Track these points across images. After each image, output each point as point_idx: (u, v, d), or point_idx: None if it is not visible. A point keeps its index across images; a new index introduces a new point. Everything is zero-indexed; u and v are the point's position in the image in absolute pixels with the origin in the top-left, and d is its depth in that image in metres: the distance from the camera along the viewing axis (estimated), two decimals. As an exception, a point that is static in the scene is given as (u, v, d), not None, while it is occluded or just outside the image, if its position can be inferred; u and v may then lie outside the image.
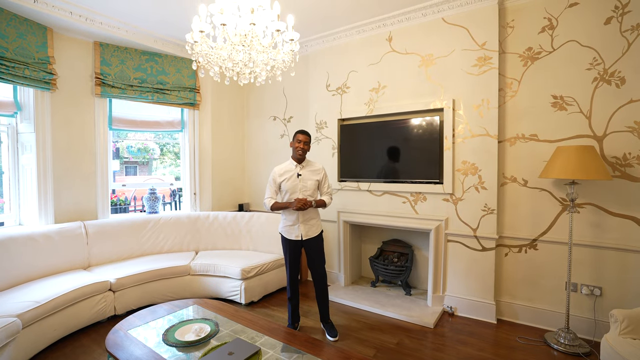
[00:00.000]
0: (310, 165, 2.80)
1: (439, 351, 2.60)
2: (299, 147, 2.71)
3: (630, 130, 2.56)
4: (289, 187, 2.70)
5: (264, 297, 3.58)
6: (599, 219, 2.69)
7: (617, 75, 2.60)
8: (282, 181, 2.72)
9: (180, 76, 4.13)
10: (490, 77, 2.97)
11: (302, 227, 2.72)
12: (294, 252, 2.79)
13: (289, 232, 2.75)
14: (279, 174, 2.75)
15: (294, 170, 2.73)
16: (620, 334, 2.07)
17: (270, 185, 2.78)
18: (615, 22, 2.59)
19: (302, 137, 2.72)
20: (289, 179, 2.71)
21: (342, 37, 3.77)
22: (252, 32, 1.76)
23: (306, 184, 2.72)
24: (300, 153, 2.71)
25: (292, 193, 2.70)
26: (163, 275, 3.29)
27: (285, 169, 2.76)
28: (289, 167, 2.76)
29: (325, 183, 2.82)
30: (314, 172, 2.78)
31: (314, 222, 2.77)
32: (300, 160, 2.75)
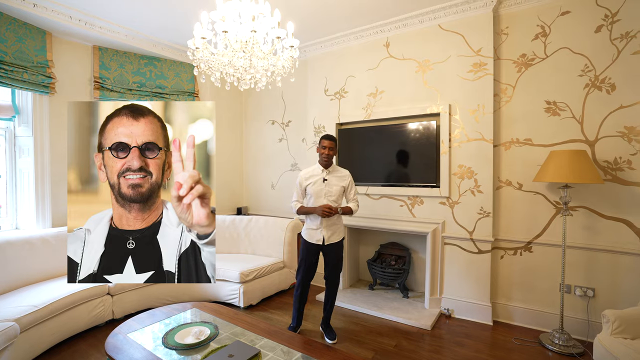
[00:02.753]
0: (337, 170, 2.78)
1: (436, 353, 2.63)
2: (324, 153, 2.67)
3: (621, 135, 2.63)
4: (314, 192, 2.69)
5: (263, 300, 3.59)
6: (591, 221, 2.75)
7: (607, 81, 2.67)
8: (308, 185, 2.71)
9: (179, 80, 4.16)
10: (485, 83, 3.03)
11: (324, 232, 2.70)
12: (312, 256, 2.77)
13: (311, 235, 2.74)
14: (304, 177, 2.74)
15: (319, 175, 2.72)
16: (612, 334, 2.11)
17: (296, 188, 2.78)
18: (605, 31, 2.66)
19: (326, 142, 2.68)
20: (314, 183, 2.70)
21: (340, 43, 3.82)
22: (253, 39, 1.80)
23: (331, 189, 2.70)
24: (325, 159, 2.68)
25: (317, 198, 2.69)
26: (161, 279, 3.29)
27: (311, 173, 2.75)
28: (315, 171, 2.75)
29: (352, 190, 2.79)
30: (340, 178, 2.75)
31: (336, 228, 2.75)
32: (326, 165, 2.72)
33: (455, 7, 3.09)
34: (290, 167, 4.53)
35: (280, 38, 1.85)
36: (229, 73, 2.03)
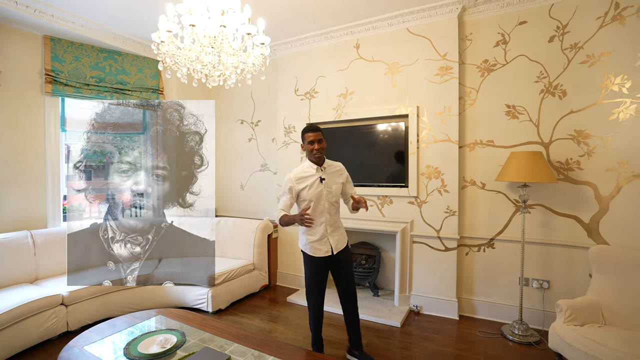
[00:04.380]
0: (331, 165, 2.37)
1: (406, 349, 2.69)
2: (313, 149, 2.23)
3: (571, 138, 2.83)
4: (312, 196, 2.24)
5: (232, 304, 3.49)
6: (546, 218, 2.93)
7: (559, 88, 2.86)
8: (303, 189, 2.25)
9: (143, 76, 3.95)
10: (451, 86, 3.15)
11: (331, 240, 2.30)
12: (323, 273, 2.34)
13: (317, 248, 2.29)
14: (296, 180, 2.27)
15: (314, 174, 2.27)
16: (565, 322, 2.27)
17: (285, 194, 2.29)
18: (557, 41, 2.86)
19: (312, 135, 2.23)
20: (310, 185, 2.25)
21: (310, 43, 3.81)
22: (222, 34, 1.74)
23: (331, 188, 2.29)
24: (317, 154, 2.24)
25: (317, 202, 2.26)
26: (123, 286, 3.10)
27: (302, 174, 2.29)
28: (307, 171, 2.29)
29: (350, 184, 2.44)
30: (336, 174, 2.36)
31: (341, 231, 2.39)
32: (319, 162, 2.29)
33: (423, 12, 3.19)
34: (259, 168, 4.45)
35: (250, 35, 1.80)
36: (196, 69, 1.95)
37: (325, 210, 2.28)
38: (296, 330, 2.97)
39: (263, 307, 3.48)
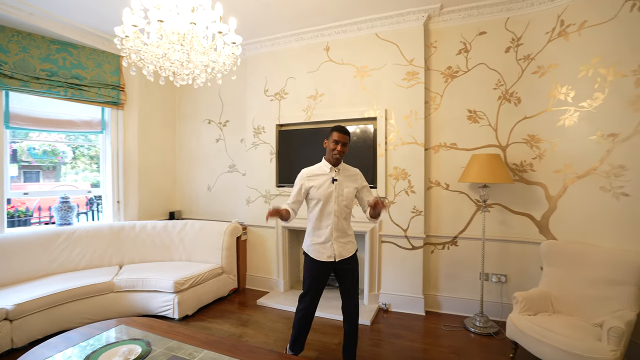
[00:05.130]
0: (346, 169, 2.31)
1: (376, 346, 2.75)
2: (336, 149, 2.17)
3: (525, 142, 3.06)
4: (321, 195, 2.18)
5: (200, 309, 3.38)
6: (504, 216, 3.14)
7: (515, 95, 3.08)
8: (312, 187, 2.20)
9: (101, 71, 3.71)
10: (417, 91, 3.28)
11: (335, 246, 2.21)
12: (323, 278, 2.26)
13: (319, 252, 2.22)
14: (307, 177, 2.23)
15: (327, 174, 2.22)
16: (520, 313, 2.44)
17: (295, 189, 2.26)
18: (512, 52, 3.08)
19: (340, 136, 2.18)
20: (321, 185, 2.20)
21: (280, 44, 3.80)
22: (192, 31, 1.68)
23: (342, 191, 2.22)
24: (336, 156, 2.19)
25: (325, 202, 2.19)
26: (79, 296, 2.89)
27: (316, 172, 2.25)
28: (321, 169, 2.25)
29: (368, 191, 2.34)
30: (351, 178, 2.29)
31: (349, 239, 2.28)
32: (336, 163, 2.25)
33: (391, 18, 3.29)
34: (228, 169, 4.35)
35: (222, 33, 1.76)
36: (163, 67, 1.87)
37: (332, 212, 2.20)
38: (267, 333, 2.94)
39: (233, 312, 3.40)
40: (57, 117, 3.62)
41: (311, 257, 2.24)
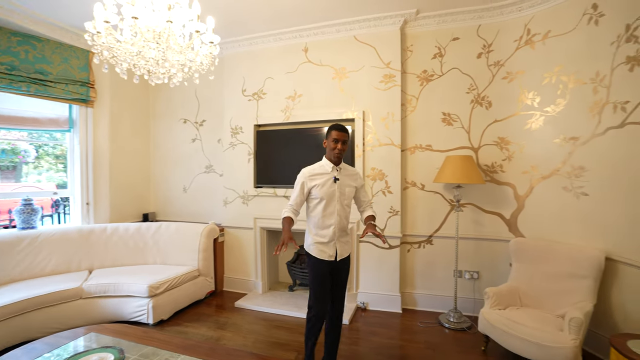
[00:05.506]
0: (346, 168, 2.29)
1: (354, 344, 2.79)
2: (336, 148, 2.16)
3: (496, 144, 3.20)
4: (324, 194, 2.16)
5: (176, 313, 3.30)
6: (476, 216, 3.27)
7: (486, 99, 3.22)
8: (315, 186, 2.17)
9: (68, 67, 3.53)
10: (394, 93, 3.35)
11: (338, 245, 2.22)
12: (328, 277, 2.22)
13: (322, 250, 2.20)
14: (309, 176, 2.19)
15: (329, 173, 2.20)
16: (491, 307, 2.56)
17: (296, 189, 2.20)
18: (484, 58, 3.21)
19: (338, 134, 2.17)
20: (323, 184, 2.17)
21: (259, 43, 3.77)
22: (169, 29, 1.64)
23: (344, 190, 2.22)
24: (338, 155, 2.18)
25: (328, 202, 2.18)
26: (44, 303, 2.74)
27: (317, 171, 2.21)
28: (323, 168, 2.22)
29: (364, 191, 2.37)
30: (351, 177, 2.28)
31: (348, 239, 2.31)
32: (337, 162, 2.23)
33: (369, 21, 3.34)
34: (204, 170, 4.27)
35: (199, 32, 1.73)
36: (138, 65, 1.81)
37: (335, 211, 2.19)
38: (245, 336, 2.91)
39: (210, 315, 3.34)
40: (18, 114, 3.41)
41: (314, 256, 2.20)
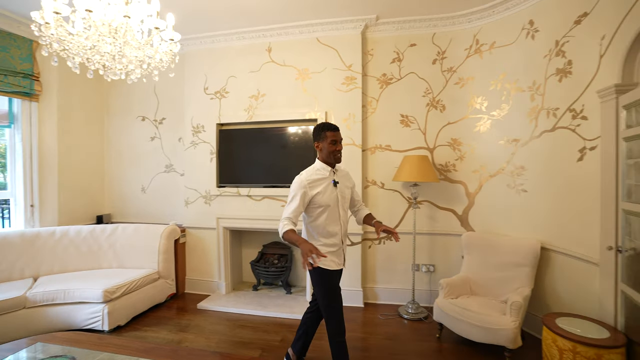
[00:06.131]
0: (339, 170, 2.14)
1: (318, 340, 2.85)
2: (335, 150, 2.01)
3: (449, 145, 3.42)
4: (326, 201, 1.97)
5: (134, 318, 3.17)
6: (432, 212, 3.48)
7: (440, 103, 3.43)
8: (317, 194, 1.96)
9: (8, 57, 3.26)
10: (355, 95, 3.47)
11: (344, 251, 2.11)
12: (338, 287, 2.08)
13: (331, 260, 2.02)
14: (309, 184, 1.96)
15: (327, 177, 2.01)
16: (444, 297, 2.75)
17: (296, 200, 1.93)
18: (438, 64, 3.42)
19: (335, 135, 2.01)
20: (324, 190, 1.97)
21: (221, 41, 3.72)
22: (126, 25, 1.60)
23: (344, 193, 2.08)
24: (338, 157, 2.04)
25: (332, 209, 2.01)
26: (-18, 314, 2.53)
27: (316, 177, 1.99)
28: (321, 173, 2.01)
29: (355, 190, 2.27)
30: (346, 178, 2.15)
31: (347, 242, 2.22)
32: (334, 165, 2.07)
33: (331, 24, 3.43)
34: (164, 169, 4.13)
35: (159, 29, 1.70)
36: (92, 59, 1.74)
37: (339, 218, 2.05)
38: (209, 337, 2.87)
39: (171, 318, 3.26)
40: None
41: (323, 268, 1.99)
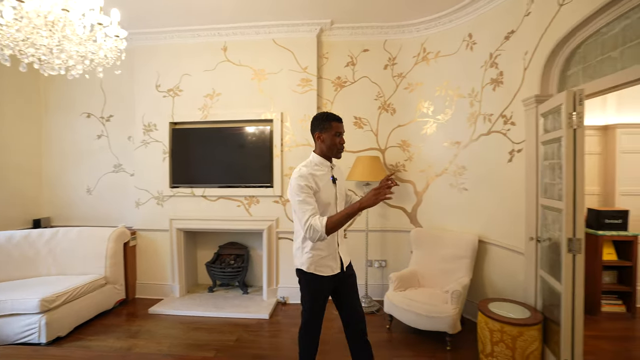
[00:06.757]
0: (336, 164, 2.00)
1: (274, 337, 2.90)
2: (340, 142, 1.87)
3: (399, 146, 3.62)
4: (326, 200, 1.83)
5: (77, 328, 2.98)
6: (383, 210, 3.66)
7: (391, 106, 3.62)
8: (318, 192, 1.80)
9: None
10: (310, 97, 3.55)
11: (341, 254, 1.93)
12: (326, 299, 1.92)
13: (325, 265, 1.85)
14: (312, 178, 1.78)
15: (326, 172, 1.87)
16: (394, 290, 2.92)
17: (306, 197, 1.73)
18: (389, 69, 3.61)
19: (340, 127, 1.87)
20: (325, 186, 1.82)
21: (175, 38, 3.62)
22: (64, 18, 1.54)
23: (342, 190, 1.96)
24: (342, 151, 1.91)
25: (331, 208, 1.86)
26: None
27: (317, 172, 1.83)
28: (321, 169, 1.86)
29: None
30: (339, 173, 2.00)
31: (346, 242, 2.03)
32: (331, 159, 1.92)
33: (287, 26, 3.49)
34: (112, 169, 3.93)
35: (102, 25, 1.65)
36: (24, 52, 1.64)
37: None
38: (160, 341, 2.79)
39: (119, 325, 3.12)
40: None
41: (314, 274, 1.84)
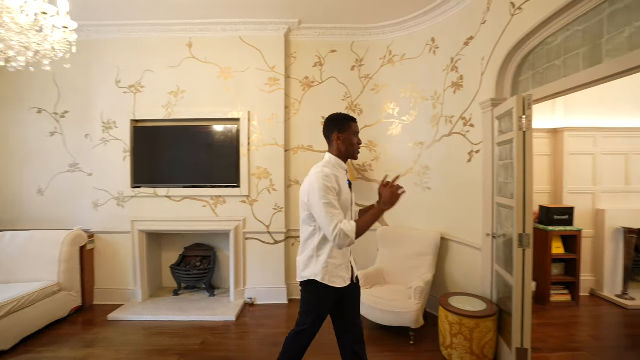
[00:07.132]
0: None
1: (241, 339, 2.86)
2: (359, 144, 1.82)
3: (366, 147, 3.68)
4: (345, 203, 1.72)
5: (25, 339, 2.77)
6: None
7: (359, 107, 3.67)
8: (339, 197, 1.68)
9: None
10: (278, 96, 3.53)
11: (353, 262, 1.85)
12: (329, 310, 1.81)
13: (338, 276, 1.73)
14: (336, 180, 1.67)
15: (344, 175, 1.79)
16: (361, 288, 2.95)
17: (333, 200, 1.61)
18: (357, 70, 3.66)
19: (357, 126, 1.83)
20: (343, 191, 1.71)
21: (137, 32, 3.48)
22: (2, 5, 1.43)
23: (354, 195, 1.86)
24: (359, 153, 1.85)
25: (348, 213, 1.76)
26: None
27: (338, 174, 1.72)
28: (340, 170, 1.77)
29: None
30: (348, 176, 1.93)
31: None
32: (345, 161, 1.83)
33: (254, 24, 3.45)
34: (67, 168, 3.70)
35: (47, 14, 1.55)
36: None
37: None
38: (119, 349, 2.67)
39: (74, 334, 2.94)
40: None
41: (330, 286, 1.71)
